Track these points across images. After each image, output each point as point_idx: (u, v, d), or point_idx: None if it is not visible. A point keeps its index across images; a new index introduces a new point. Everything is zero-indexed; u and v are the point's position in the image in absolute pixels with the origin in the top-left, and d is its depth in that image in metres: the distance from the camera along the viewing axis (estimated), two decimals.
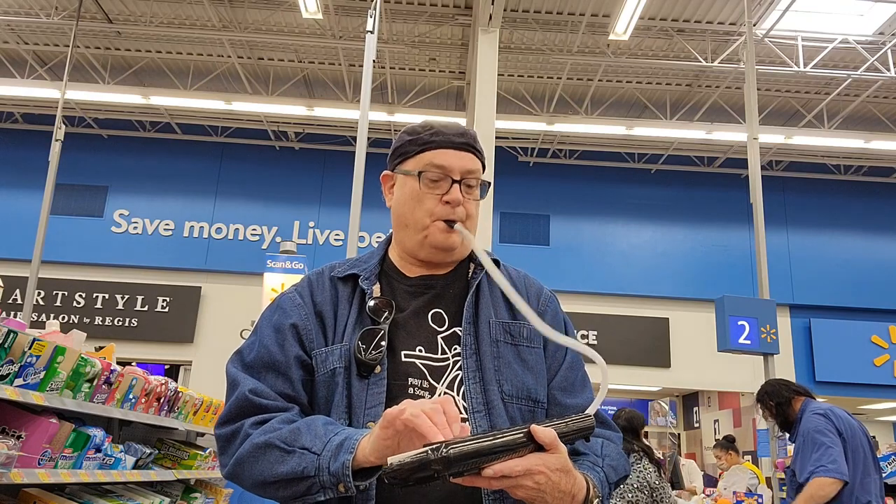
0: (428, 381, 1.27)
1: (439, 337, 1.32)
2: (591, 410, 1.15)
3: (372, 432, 1.06)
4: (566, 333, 1.39)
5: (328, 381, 1.26)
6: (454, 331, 1.33)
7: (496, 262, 1.40)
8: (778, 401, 3.89)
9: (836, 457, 3.49)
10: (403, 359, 1.28)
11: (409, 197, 1.35)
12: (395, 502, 1.16)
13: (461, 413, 1.23)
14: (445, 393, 1.26)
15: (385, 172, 1.44)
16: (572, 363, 1.39)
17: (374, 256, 1.43)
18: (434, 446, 0.91)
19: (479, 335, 1.32)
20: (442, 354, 1.30)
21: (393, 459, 0.93)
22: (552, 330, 1.18)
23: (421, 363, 1.28)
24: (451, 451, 0.90)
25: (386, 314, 1.30)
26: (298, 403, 1.27)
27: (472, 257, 1.42)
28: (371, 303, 1.31)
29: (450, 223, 1.32)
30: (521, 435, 0.98)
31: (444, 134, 1.35)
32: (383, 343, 1.25)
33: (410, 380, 1.26)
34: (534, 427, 1.00)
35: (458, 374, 1.28)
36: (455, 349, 1.30)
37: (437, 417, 0.99)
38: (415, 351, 1.29)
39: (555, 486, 1.03)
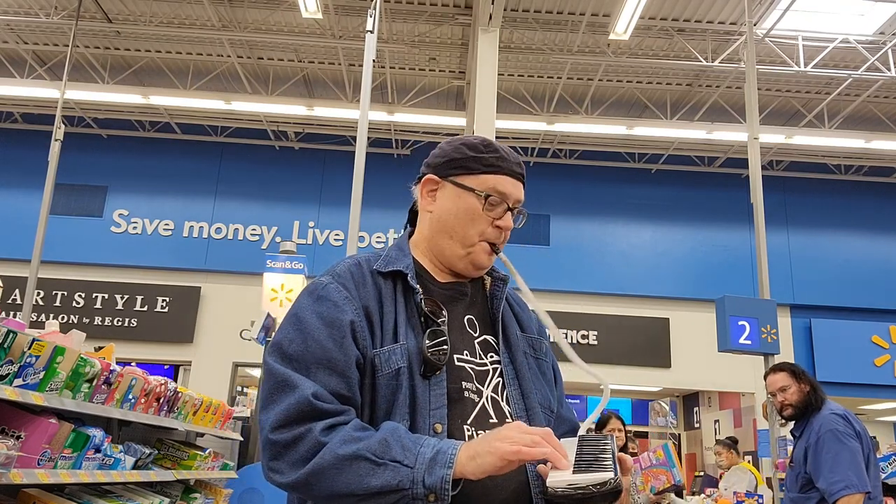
0: (475, 384, 1.32)
1: (476, 343, 1.37)
2: (583, 429, 1.30)
3: (474, 454, 1.11)
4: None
5: (390, 382, 1.25)
6: (485, 338, 1.40)
7: (504, 279, 1.50)
8: (812, 384, 3.80)
9: (860, 467, 3.40)
10: (456, 362, 1.32)
11: (463, 212, 1.38)
12: (467, 503, 1.18)
13: (507, 417, 1.32)
14: (492, 397, 1.32)
15: (430, 176, 1.42)
16: (560, 381, 1.54)
17: (406, 255, 1.41)
18: (614, 477, 1.05)
19: (511, 345, 1.41)
20: (480, 360, 1.35)
21: (558, 480, 1.06)
22: (579, 359, 1.36)
23: (469, 367, 1.33)
24: (620, 483, 1.06)
25: (442, 316, 1.32)
26: (353, 405, 1.24)
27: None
28: (426, 305, 1.32)
29: (494, 247, 1.40)
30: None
31: (507, 161, 1.41)
32: (447, 345, 1.28)
33: (464, 383, 1.30)
34: (620, 455, 1.18)
35: (499, 381, 1.35)
36: (491, 356, 1.38)
37: (545, 443, 1.10)
38: (463, 355, 1.34)
39: None
